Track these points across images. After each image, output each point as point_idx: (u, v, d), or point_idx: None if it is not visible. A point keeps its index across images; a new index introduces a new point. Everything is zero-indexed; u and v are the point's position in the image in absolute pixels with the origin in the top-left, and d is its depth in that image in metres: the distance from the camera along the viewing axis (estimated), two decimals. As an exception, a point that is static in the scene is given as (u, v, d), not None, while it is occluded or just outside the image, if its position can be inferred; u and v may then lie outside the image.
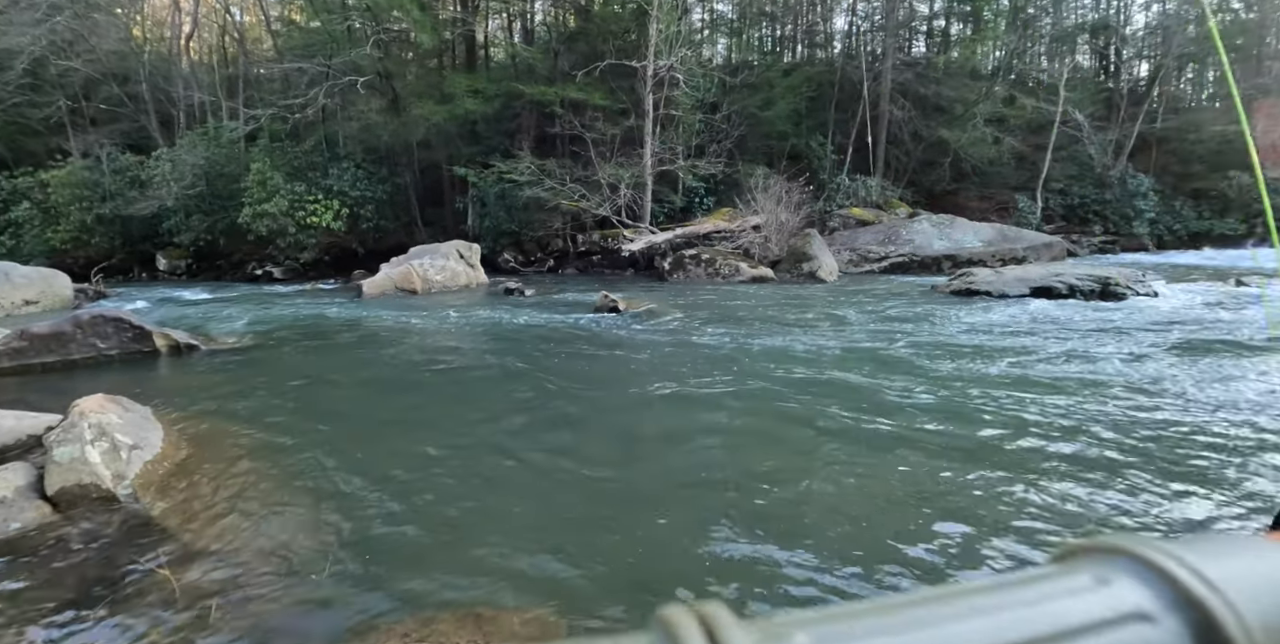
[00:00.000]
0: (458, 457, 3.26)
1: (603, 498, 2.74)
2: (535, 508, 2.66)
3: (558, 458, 3.22)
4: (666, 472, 2.99)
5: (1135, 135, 20.59)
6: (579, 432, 3.69)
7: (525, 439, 3.49)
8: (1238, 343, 5.68)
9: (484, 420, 3.81)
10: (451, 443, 3.45)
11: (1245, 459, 2.76)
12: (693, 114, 15.73)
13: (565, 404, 4.16)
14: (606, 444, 3.45)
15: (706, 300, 9.31)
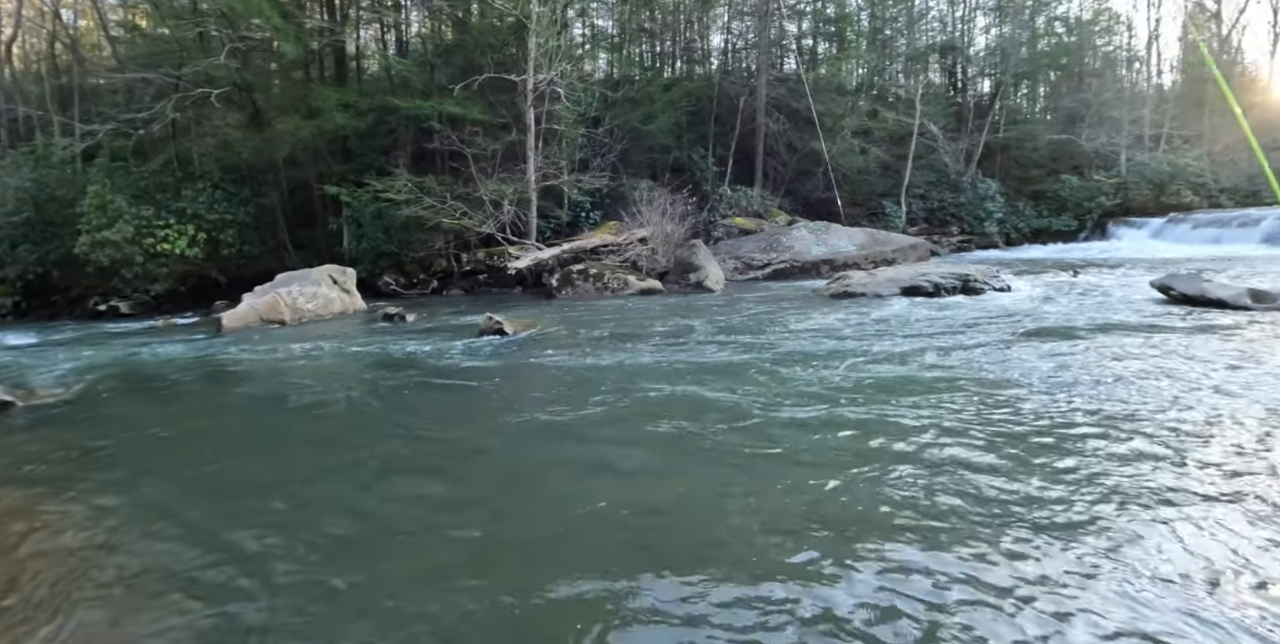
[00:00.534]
0: (315, 515, 2.98)
1: (481, 552, 2.52)
2: (402, 574, 2.40)
3: (430, 510, 2.98)
4: (551, 511, 2.82)
5: (982, 144, 22.60)
6: (454, 476, 3.45)
7: (394, 488, 3.23)
8: (1071, 328, 6.45)
9: (347, 469, 3.50)
10: (308, 498, 3.16)
11: (1084, 444, 3.02)
12: (575, 128, 15.74)
13: (440, 444, 3.91)
14: (485, 487, 3.26)
15: (595, 316, 9.28)
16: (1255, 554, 1.99)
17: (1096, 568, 1.93)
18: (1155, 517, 2.26)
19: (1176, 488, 2.50)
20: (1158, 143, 24.45)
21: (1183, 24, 32.23)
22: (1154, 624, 1.65)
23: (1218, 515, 2.20)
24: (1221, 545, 2.04)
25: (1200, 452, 2.94)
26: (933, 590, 1.86)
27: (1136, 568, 1.96)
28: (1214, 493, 2.36)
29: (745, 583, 2.03)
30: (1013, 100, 25.81)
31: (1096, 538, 2.09)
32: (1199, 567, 1.95)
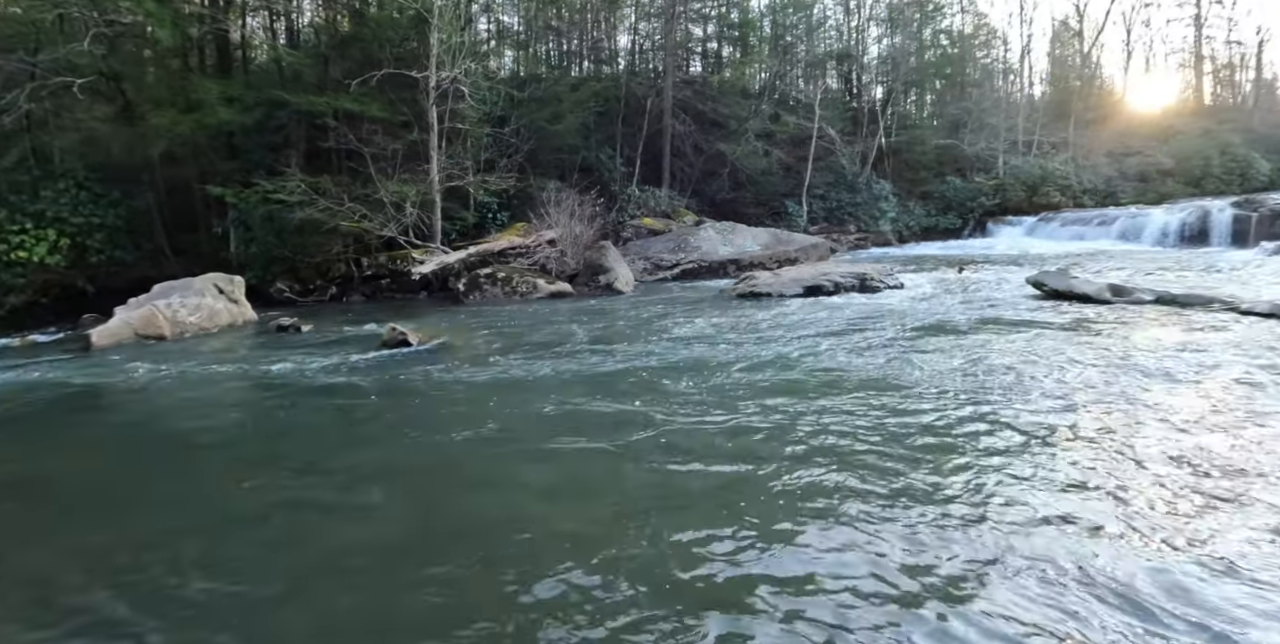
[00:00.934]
0: (180, 569, 2.64)
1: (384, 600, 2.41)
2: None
3: (329, 555, 2.68)
4: (460, 541, 2.67)
5: (876, 148, 23.84)
6: (351, 513, 3.14)
7: (275, 535, 2.91)
8: (957, 324, 6.98)
9: (216, 519, 3.14)
10: (176, 553, 2.78)
11: (966, 436, 3.24)
12: (481, 127, 15.44)
13: (336, 477, 3.57)
14: (393, 524, 2.97)
15: (505, 323, 9.15)
16: (1109, 532, 2.22)
17: (991, 563, 2.08)
18: (1024, 500, 2.48)
19: (1038, 473, 2.75)
20: (1030, 148, 26.59)
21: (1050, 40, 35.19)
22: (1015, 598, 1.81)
23: (1077, 497, 2.45)
24: (1077, 522, 2.27)
25: (1062, 439, 3.24)
26: (829, 594, 1.96)
27: (1012, 555, 2.14)
28: (1075, 477, 2.63)
29: (655, 590, 2.07)
30: (903, 106, 27.37)
31: (988, 533, 2.27)
32: (1055, 548, 2.15)
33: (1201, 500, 2.48)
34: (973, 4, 31.06)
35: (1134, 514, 2.37)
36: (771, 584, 2.03)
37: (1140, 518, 2.33)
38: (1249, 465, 2.80)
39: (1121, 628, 1.65)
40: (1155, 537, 2.18)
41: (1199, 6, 36.20)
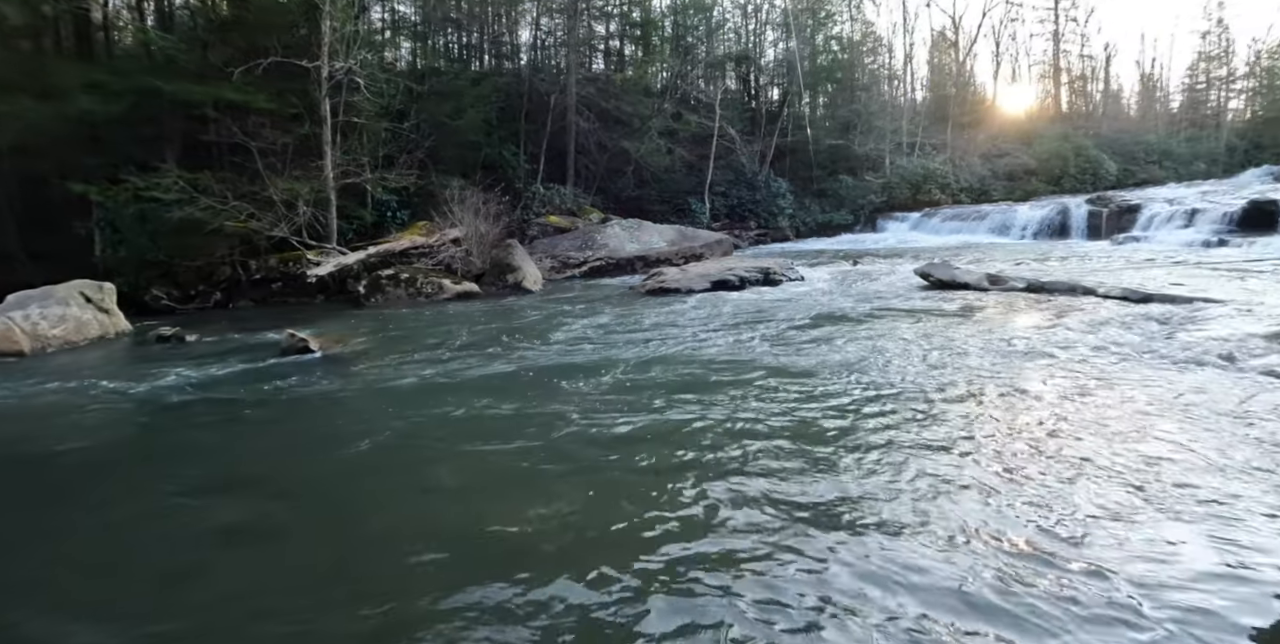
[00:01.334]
0: (57, 620, 2.31)
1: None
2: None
3: (235, 585, 2.42)
4: (377, 555, 2.54)
5: (773, 147, 24.79)
6: (255, 537, 2.87)
7: (174, 566, 2.63)
8: (854, 313, 7.47)
9: (101, 543, 2.87)
10: (47, 599, 2.48)
11: (866, 419, 3.50)
12: (378, 122, 14.90)
13: (236, 497, 3.26)
14: (295, 544, 2.77)
15: (411, 325, 8.93)
16: (996, 503, 2.51)
17: (886, 522, 2.29)
18: (913, 465, 2.74)
19: (927, 441, 3.05)
20: (913, 149, 28.43)
21: (930, 49, 37.65)
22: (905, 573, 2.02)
23: (959, 460, 2.76)
24: (966, 493, 2.56)
25: (949, 410, 3.58)
26: (726, 592, 2.10)
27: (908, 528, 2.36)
28: (958, 444, 2.94)
29: (559, 592, 2.13)
30: (798, 108, 28.52)
31: (885, 496, 2.49)
32: (945, 519, 2.41)
33: (1065, 456, 2.85)
34: (860, 13, 32.85)
35: (1007, 471, 2.70)
36: (703, 565, 2.16)
37: (1012, 474, 2.66)
38: (1102, 423, 3.24)
39: (1002, 566, 1.90)
40: (1025, 490, 2.50)
41: (1057, 23, 39.83)
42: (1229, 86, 40.73)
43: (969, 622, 1.72)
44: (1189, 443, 3.05)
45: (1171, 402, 3.67)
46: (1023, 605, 1.78)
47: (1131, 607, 1.79)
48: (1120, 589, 1.88)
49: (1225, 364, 4.22)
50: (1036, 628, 1.69)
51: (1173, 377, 4.16)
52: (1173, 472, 2.77)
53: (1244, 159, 31.34)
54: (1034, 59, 41.58)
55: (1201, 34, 41.34)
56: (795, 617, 1.79)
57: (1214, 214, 13.98)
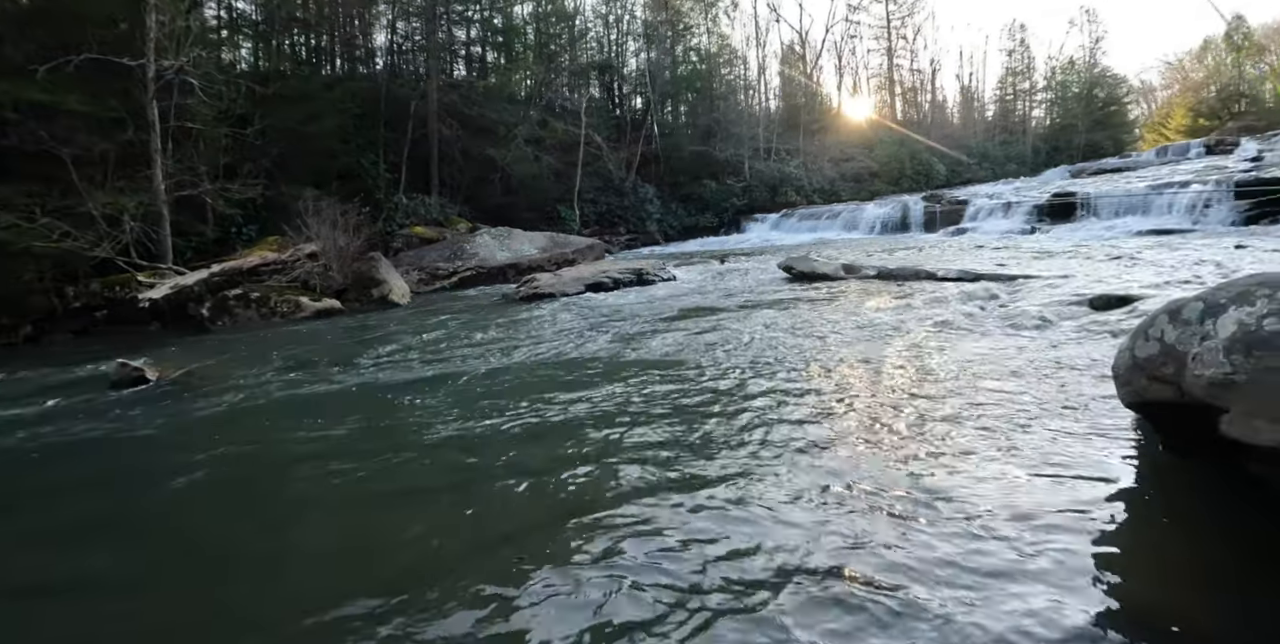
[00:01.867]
0: None
1: None
2: None
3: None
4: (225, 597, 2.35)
5: (639, 154, 25.47)
6: (92, 591, 2.54)
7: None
8: (724, 305, 7.88)
9: None
10: None
11: (740, 397, 3.74)
12: (217, 127, 13.86)
13: (65, 550, 2.83)
14: (131, 595, 2.49)
15: (264, 348, 8.32)
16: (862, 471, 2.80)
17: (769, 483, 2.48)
18: (789, 435, 3.00)
19: (798, 411, 3.33)
20: (770, 154, 30.17)
21: (780, 61, 40.08)
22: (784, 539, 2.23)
23: (826, 425, 3.05)
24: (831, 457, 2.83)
25: (815, 383, 3.91)
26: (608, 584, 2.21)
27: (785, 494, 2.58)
28: (824, 410, 3.27)
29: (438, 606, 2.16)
30: (661, 116, 29.47)
31: (770, 461, 2.71)
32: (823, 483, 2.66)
33: (914, 411, 3.24)
34: (716, 26, 34.40)
35: (866, 424, 3.03)
36: (593, 556, 2.25)
37: (877, 432, 2.99)
38: (945, 381, 3.71)
39: (878, 515, 2.16)
40: (881, 437, 2.83)
41: (890, 40, 43.76)
42: (1031, 98, 46.54)
43: (837, 554, 1.98)
44: (1013, 390, 3.62)
45: (999, 358, 4.32)
46: (879, 530, 2.06)
47: (971, 523, 2.14)
48: (959, 509, 2.23)
49: (1041, 325, 5.00)
50: (888, 548, 1.97)
51: (1001, 338, 4.88)
52: (1001, 411, 3.30)
53: (1046, 160, 36.06)
54: (872, 72, 45.37)
55: (1008, 52, 47.01)
56: (679, 578, 1.96)
57: (1026, 206, 16.03)
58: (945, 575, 1.82)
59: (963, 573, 1.87)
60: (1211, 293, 2.21)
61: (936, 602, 1.72)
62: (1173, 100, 46.16)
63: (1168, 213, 12.29)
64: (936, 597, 1.75)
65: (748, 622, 1.72)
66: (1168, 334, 2.26)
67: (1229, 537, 2.09)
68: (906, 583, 1.83)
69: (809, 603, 1.77)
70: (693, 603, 1.82)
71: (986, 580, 1.81)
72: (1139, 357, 2.40)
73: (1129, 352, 2.49)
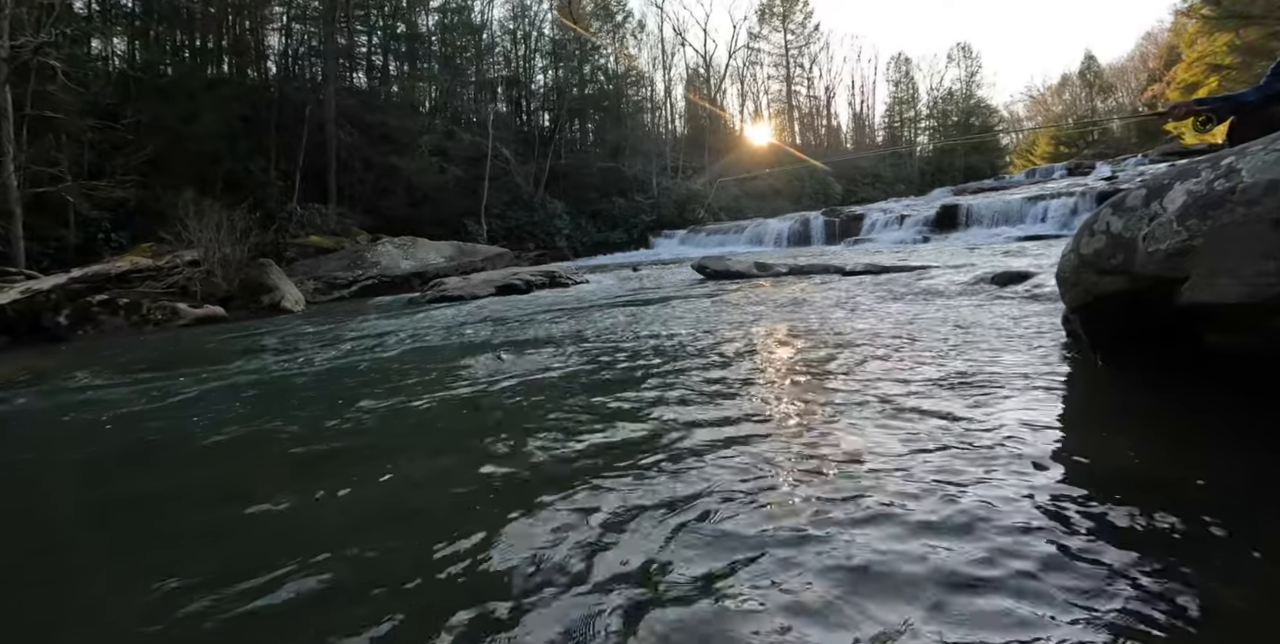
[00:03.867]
0: None
1: None
2: None
3: None
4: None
5: (548, 169, 25.35)
6: None
7: None
8: (641, 300, 7.80)
9: None
10: None
11: (651, 375, 3.64)
12: (82, 119, 12.58)
13: None
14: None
15: (131, 357, 7.35)
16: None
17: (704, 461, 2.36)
18: (706, 414, 2.90)
19: (720, 389, 3.26)
20: (677, 172, 30.85)
21: (685, 85, 41.32)
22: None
23: (748, 400, 2.98)
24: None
25: (743, 358, 3.84)
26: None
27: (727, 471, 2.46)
28: (743, 388, 3.20)
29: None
30: (569, 133, 29.56)
31: (692, 440, 2.58)
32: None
33: (825, 382, 3.21)
34: (624, 48, 35.06)
35: (784, 403, 2.96)
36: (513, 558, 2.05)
37: (792, 403, 2.92)
38: (851, 343, 3.74)
39: (799, 477, 2.05)
40: (800, 417, 2.75)
41: (789, 68, 46.09)
42: (916, 125, 50.29)
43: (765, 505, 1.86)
44: (948, 332, 3.78)
45: (928, 315, 4.59)
46: (804, 486, 1.96)
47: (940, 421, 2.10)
48: (936, 411, 2.19)
49: (955, 294, 5.37)
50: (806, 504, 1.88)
51: (922, 304, 5.18)
52: (948, 344, 3.38)
53: (931, 180, 38.89)
54: (772, 97, 47.57)
55: (894, 83, 50.70)
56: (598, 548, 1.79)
57: (917, 218, 17.18)
58: (914, 456, 1.78)
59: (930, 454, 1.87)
60: (1150, 179, 2.34)
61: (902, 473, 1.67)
62: (1038, 130, 51.27)
63: (1042, 221, 13.49)
64: (902, 471, 1.71)
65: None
66: (1114, 224, 2.34)
67: (1176, 419, 2.20)
68: (869, 455, 1.78)
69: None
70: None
71: (951, 460, 1.84)
72: (1085, 253, 2.48)
73: (1073, 253, 2.58)
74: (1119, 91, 47.05)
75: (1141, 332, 2.45)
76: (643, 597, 1.38)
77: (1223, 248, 1.96)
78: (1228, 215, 1.96)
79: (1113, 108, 45.76)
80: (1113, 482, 1.73)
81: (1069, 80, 50.58)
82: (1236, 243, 1.93)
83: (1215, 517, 1.51)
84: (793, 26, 45.27)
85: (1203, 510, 1.54)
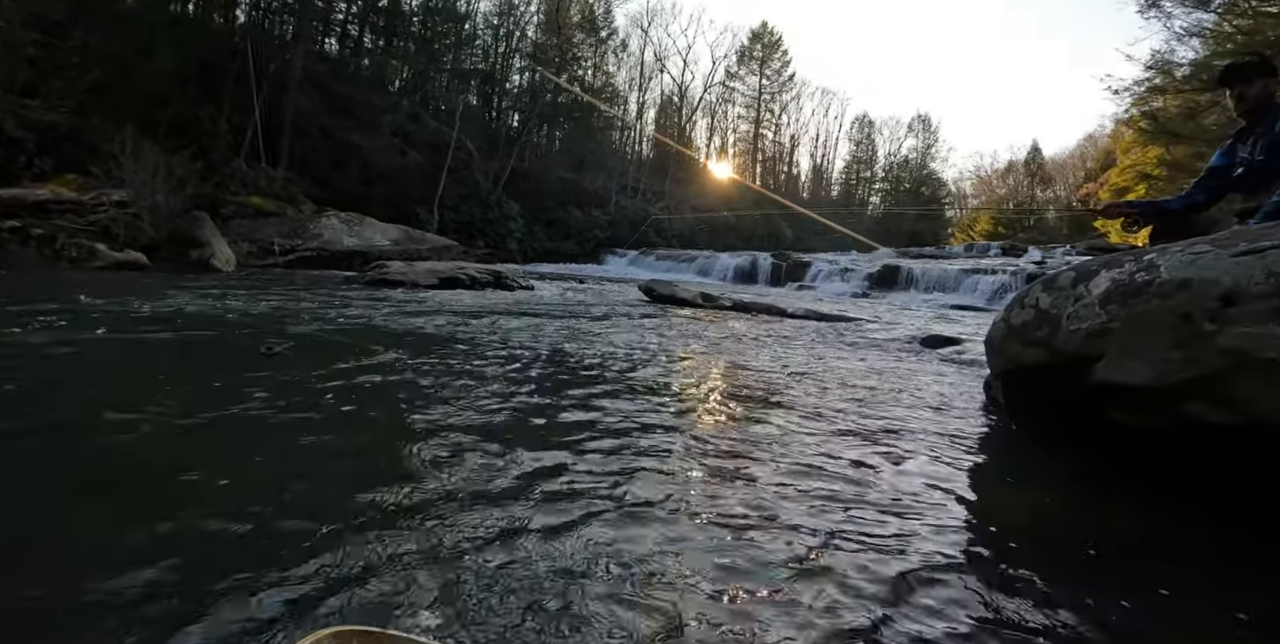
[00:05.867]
0: None
1: None
2: None
3: None
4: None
5: (509, 170, 25.20)
6: None
7: None
8: (586, 315, 7.77)
9: None
10: None
11: (588, 393, 3.63)
12: (25, 31, 11.69)
13: None
14: None
15: (29, 294, 6.87)
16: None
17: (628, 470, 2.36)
18: (639, 429, 2.93)
19: (651, 411, 3.31)
20: (636, 193, 31.25)
21: (658, 110, 42.12)
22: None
23: (679, 417, 3.03)
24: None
25: (672, 388, 3.88)
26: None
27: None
28: (680, 407, 3.25)
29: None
30: (537, 137, 29.56)
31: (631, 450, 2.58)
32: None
33: (753, 409, 3.34)
34: (604, 62, 35.50)
35: (716, 420, 3.05)
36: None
37: (724, 422, 3.02)
38: (781, 386, 3.89)
39: (715, 489, 2.09)
40: (733, 431, 2.85)
41: (759, 111, 47.71)
42: (870, 186, 52.85)
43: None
44: (876, 384, 3.96)
45: (859, 366, 4.80)
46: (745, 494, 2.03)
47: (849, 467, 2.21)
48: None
49: (886, 350, 5.61)
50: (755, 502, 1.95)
51: (851, 354, 5.44)
52: (872, 398, 3.55)
53: (878, 240, 40.73)
54: (739, 135, 49.02)
55: (855, 142, 53.22)
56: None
57: (861, 273, 17.99)
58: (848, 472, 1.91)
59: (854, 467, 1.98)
60: (1080, 264, 2.56)
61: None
62: (980, 210, 54.71)
63: (973, 293, 14.40)
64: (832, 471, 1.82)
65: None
66: (1042, 300, 2.56)
67: (1076, 483, 2.39)
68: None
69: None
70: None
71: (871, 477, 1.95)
72: (1014, 323, 2.69)
73: (1004, 322, 2.78)
74: (1057, 184, 51.04)
75: (1055, 403, 2.60)
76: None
77: (1136, 333, 2.12)
78: (1143, 304, 2.14)
79: (1050, 198, 49.58)
80: (1007, 534, 1.83)
81: (1014, 167, 54.45)
82: (1149, 330, 2.09)
83: (1102, 571, 1.62)
84: (769, 72, 47.05)
85: (1090, 565, 1.66)
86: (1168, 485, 2.26)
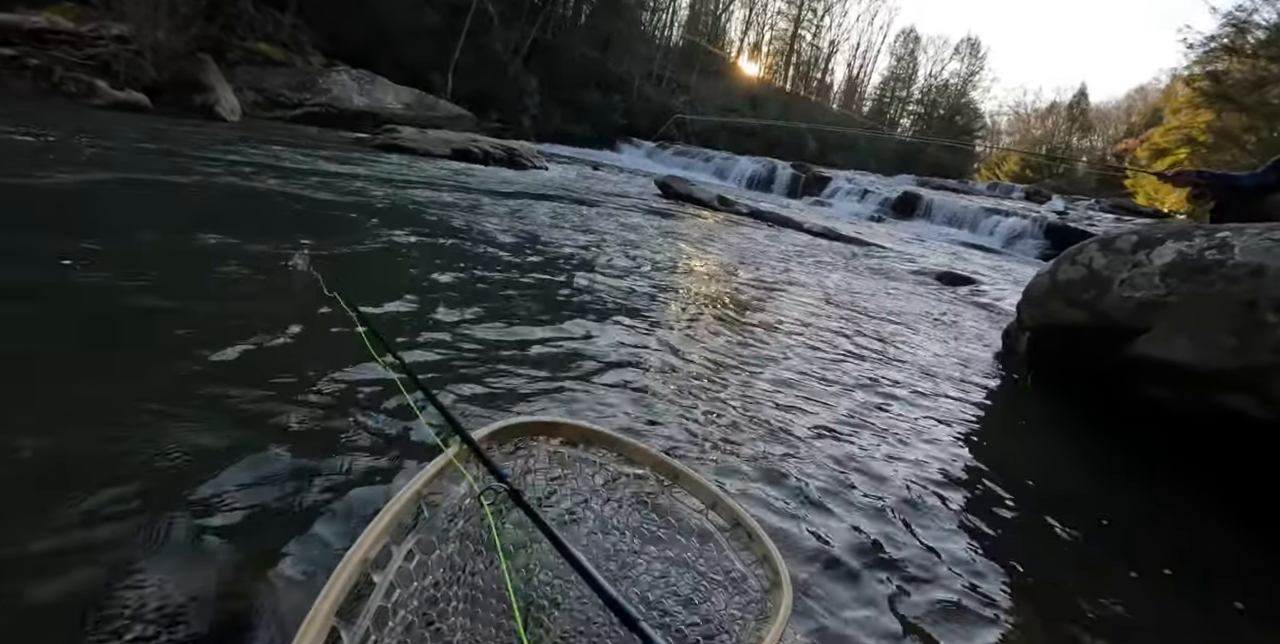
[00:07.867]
0: None
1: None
2: None
3: None
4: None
5: (531, 40, 23.63)
6: None
7: None
8: (601, 201, 7.68)
9: None
10: None
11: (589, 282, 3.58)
12: None
13: None
14: None
15: (21, 127, 6.37)
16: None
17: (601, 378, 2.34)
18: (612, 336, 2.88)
19: (641, 312, 3.26)
20: (661, 82, 29.60)
21: None
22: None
23: (667, 324, 3.00)
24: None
25: (666, 288, 3.85)
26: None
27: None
28: (674, 310, 3.23)
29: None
30: (563, 8, 27.46)
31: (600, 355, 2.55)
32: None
33: (741, 316, 3.36)
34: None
35: (700, 325, 3.06)
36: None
37: (706, 328, 3.02)
38: (769, 290, 3.93)
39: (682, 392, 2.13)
40: (718, 339, 2.86)
41: (800, 9, 44.14)
42: (904, 107, 50.17)
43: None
44: (897, 309, 4.00)
45: (879, 290, 4.87)
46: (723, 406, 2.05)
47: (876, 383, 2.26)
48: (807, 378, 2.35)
49: (903, 280, 5.61)
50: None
51: (872, 281, 5.48)
52: (892, 328, 3.57)
53: (901, 166, 39.27)
54: (776, 34, 45.71)
55: (897, 58, 49.87)
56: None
57: (879, 197, 17.47)
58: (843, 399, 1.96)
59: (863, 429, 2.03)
60: (1145, 229, 2.42)
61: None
62: (1017, 150, 52.27)
63: (989, 234, 14.08)
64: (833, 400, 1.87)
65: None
66: (1096, 260, 2.44)
67: (1083, 447, 2.35)
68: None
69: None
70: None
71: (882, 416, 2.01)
72: (1060, 280, 2.58)
73: (1049, 276, 2.67)
74: (1095, 134, 48.52)
75: (1084, 366, 2.54)
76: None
77: (1192, 312, 2.02)
78: (1208, 284, 2.03)
79: (1086, 148, 47.38)
80: (1014, 488, 1.82)
81: (1056, 108, 51.45)
82: (1207, 311, 1.99)
83: (1108, 535, 1.64)
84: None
85: (1098, 529, 1.66)
86: (1184, 462, 2.19)
